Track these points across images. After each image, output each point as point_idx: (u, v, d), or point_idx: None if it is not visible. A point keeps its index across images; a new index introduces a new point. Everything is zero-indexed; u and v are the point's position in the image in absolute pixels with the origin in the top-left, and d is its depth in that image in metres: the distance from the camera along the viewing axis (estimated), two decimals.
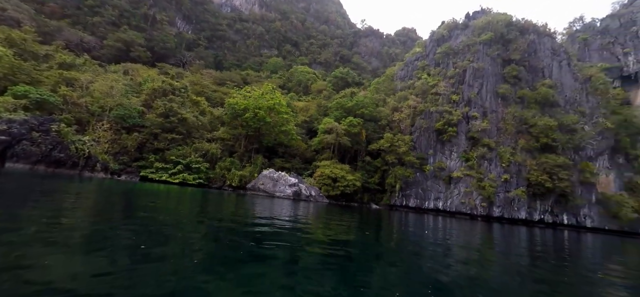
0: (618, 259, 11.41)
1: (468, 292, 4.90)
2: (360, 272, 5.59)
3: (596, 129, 52.29)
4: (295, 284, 4.46)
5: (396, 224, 18.03)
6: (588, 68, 63.29)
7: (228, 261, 5.42)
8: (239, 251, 6.08)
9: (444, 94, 55.35)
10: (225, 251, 6.31)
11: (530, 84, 56.62)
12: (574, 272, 7.18)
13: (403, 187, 48.77)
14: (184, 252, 5.79)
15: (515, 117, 51.54)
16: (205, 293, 4.00)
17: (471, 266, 6.89)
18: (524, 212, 45.24)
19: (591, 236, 35.11)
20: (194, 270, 4.82)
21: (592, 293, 5.40)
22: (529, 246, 13.10)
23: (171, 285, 4.12)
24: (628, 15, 72.57)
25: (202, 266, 5.15)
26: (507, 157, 47.01)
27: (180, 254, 5.75)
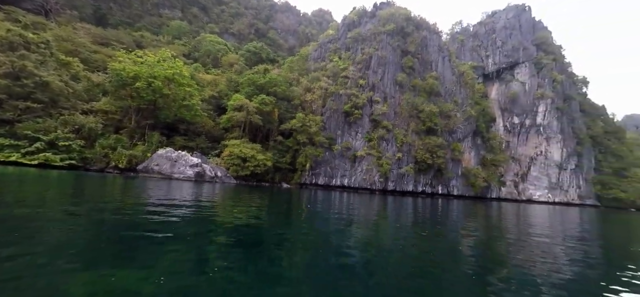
0: (471, 219, 14.73)
1: (366, 259, 5.16)
2: (268, 256, 5.18)
3: (464, 116, 64.65)
4: (190, 279, 3.72)
5: (306, 201, 18.52)
6: (462, 65, 76.94)
7: (106, 257, 4.26)
8: (121, 244, 4.86)
9: (352, 78, 58.94)
10: (105, 245, 4.99)
11: (422, 74, 65.38)
12: (445, 229, 9.18)
13: (313, 166, 50.75)
14: (44, 251, 4.33)
15: (408, 103, 59.01)
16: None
17: (369, 233, 7.49)
18: (412, 185, 53.25)
19: (456, 202, 43.75)
20: (55, 271, 3.61)
21: (458, 241, 6.90)
22: (415, 212, 15.39)
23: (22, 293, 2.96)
24: (490, 25, 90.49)
25: (72, 263, 3.94)
26: (401, 138, 53.92)
27: (42, 252, 4.29)
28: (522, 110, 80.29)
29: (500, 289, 4.11)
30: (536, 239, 8.42)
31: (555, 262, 5.73)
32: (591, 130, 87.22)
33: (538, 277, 4.64)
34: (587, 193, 76.91)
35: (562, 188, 75.47)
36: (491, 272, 5.06)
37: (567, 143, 77.32)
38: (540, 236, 9.47)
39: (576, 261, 6.07)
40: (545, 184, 75.58)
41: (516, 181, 76.65)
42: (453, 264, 5.28)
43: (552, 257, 6.12)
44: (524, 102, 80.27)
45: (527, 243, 7.46)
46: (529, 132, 79.11)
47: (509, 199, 72.29)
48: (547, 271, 4.97)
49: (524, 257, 6.24)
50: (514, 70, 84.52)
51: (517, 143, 79.50)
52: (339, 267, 4.54)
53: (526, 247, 6.89)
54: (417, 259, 5.49)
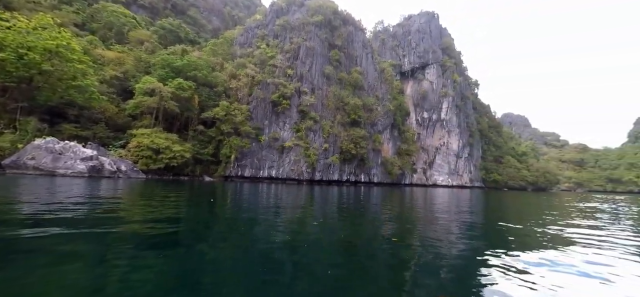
0: (389, 202, 16.05)
1: (294, 251, 4.62)
2: (186, 257, 4.11)
3: (384, 109, 70.29)
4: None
5: (231, 194, 17.13)
6: (383, 62, 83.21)
7: None
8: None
9: (281, 67, 57.75)
10: None
11: (347, 68, 68.26)
12: (367, 211, 9.64)
13: (239, 157, 48.31)
14: None
15: (335, 95, 61.01)
16: None
17: (297, 224, 7.09)
18: (337, 174, 55.59)
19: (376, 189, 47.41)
20: None
21: (378, 219, 7.32)
22: (339, 200, 15.82)
23: None
24: (407, 27, 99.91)
25: None
26: (328, 130, 55.52)
27: None
28: (430, 106, 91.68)
29: (413, 260, 4.50)
30: (440, 215, 10.26)
31: (452, 231, 6.92)
32: (479, 125, 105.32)
33: (441, 242, 5.52)
34: (476, 177, 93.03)
35: (458, 173, 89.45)
36: (406, 243, 5.53)
37: (463, 135, 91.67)
38: (442, 211, 11.16)
39: (466, 225, 7.74)
40: (446, 170, 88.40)
41: (425, 168, 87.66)
42: (375, 246, 5.49)
43: (450, 227, 7.40)
44: (432, 99, 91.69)
45: (435, 219, 8.64)
46: (435, 126, 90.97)
47: (419, 185, 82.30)
48: (446, 238, 5.95)
49: (433, 229, 7.22)
50: (425, 70, 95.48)
51: (426, 135, 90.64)
52: (265, 262, 4.03)
53: (434, 222, 7.94)
54: (342, 243, 5.43)
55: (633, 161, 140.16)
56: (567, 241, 6.02)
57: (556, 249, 5.22)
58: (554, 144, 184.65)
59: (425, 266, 4.02)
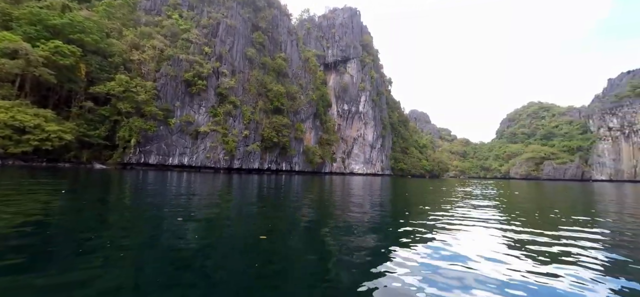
0: (309, 189, 15.91)
1: (208, 248, 3.55)
2: (66, 270, 2.52)
3: (308, 98, 71.04)
4: None
5: (131, 185, 14.14)
6: (308, 51, 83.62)
7: None
8: None
9: (197, 43, 52.00)
10: None
11: (271, 53, 66.12)
12: (287, 199, 9.11)
13: (142, 142, 41.92)
14: None
15: (257, 80, 58.48)
16: None
17: (211, 217, 5.94)
18: (258, 162, 53.88)
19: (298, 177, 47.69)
20: None
21: (299, 208, 7.33)
22: (260, 189, 14.90)
23: None
24: (331, 20, 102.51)
25: None
26: (248, 115, 52.99)
27: None
28: (350, 99, 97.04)
29: (332, 242, 4.68)
30: (355, 199, 10.87)
31: (367, 211, 7.46)
32: (391, 119, 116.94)
33: (357, 223, 5.96)
34: (386, 166, 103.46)
35: (372, 163, 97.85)
36: (324, 228, 5.60)
37: (377, 128, 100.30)
38: (357, 196, 11.94)
39: (378, 206, 8.34)
40: (362, 159, 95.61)
41: (343, 157, 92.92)
42: (295, 233, 5.38)
43: (366, 208, 7.87)
44: (352, 92, 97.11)
45: (351, 203, 8.81)
46: (353, 118, 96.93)
47: (338, 173, 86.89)
48: (361, 217, 6.46)
49: (349, 212, 7.44)
50: (346, 64, 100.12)
51: (345, 126, 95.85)
52: (174, 263, 3.03)
53: (350, 206, 8.09)
54: (260, 235, 4.88)
55: (498, 153, 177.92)
56: (448, 222, 6.72)
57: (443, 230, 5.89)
58: (446, 138, 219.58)
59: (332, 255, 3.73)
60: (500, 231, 6.19)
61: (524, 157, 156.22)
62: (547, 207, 11.37)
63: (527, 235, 5.74)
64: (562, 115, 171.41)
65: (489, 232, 5.96)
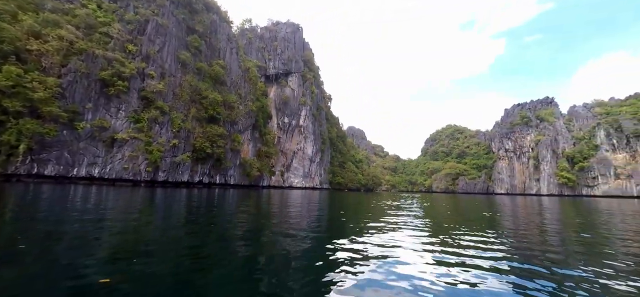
0: (245, 204, 14.59)
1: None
2: None
3: (246, 109, 68.70)
4: None
5: (11, 202, 10.83)
6: (248, 61, 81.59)
7: None
8: None
9: (119, 39, 46.07)
10: None
11: (208, 59, 62.48)
12: (221, 214, 8.03)
13: (36, 148, 34.65)
14: None
15: (191, 86, 54.33)
16: None
17: (125, 240, 4.44)
18: (187, 175, 49.37)
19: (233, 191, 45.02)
20: None
21: (232, 221, 7.46)
22: (188, 205, 13.16)
23: None
24: (274, 32, 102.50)
25: None
26: (179, 123, 48.54)
27: None
28: (291, 112, 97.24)
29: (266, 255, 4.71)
30: (293, 209, 11.01)
31: (303, 223, 6.93)
32: (330, 134, 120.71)
33: (295, 241, 5.56)
34: (325, 180, 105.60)
35: (311, 176, 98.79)
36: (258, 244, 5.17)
37: (317, 142, 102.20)
38: (296, 207, 11.68)
39: (315, 217, 7.74)
40: (301, 173, 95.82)
41: (282, 170, 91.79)
42: (226, 252, 5.09)
43: (302, 220, 7.38)
44: (292, 105, 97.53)
45: (289, 220, 8.21)
46: (294, 131, 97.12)
47: (276, 186, 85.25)
48: (298, 227, 6.17)
49: (284, 224, 7.02)
50: (288, 77, 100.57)
51: (285, 139, 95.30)
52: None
53: (289, 221, 7.55)
54: (187, 256, 4.57)
55: (423, 169, 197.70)
56: (382, 228, 6.81)
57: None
58: (380, 154, 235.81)
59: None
60: (424, 238, 7.28)
61: (443, 173, 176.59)
62: (461, 216, 12.62)
63: (445, 238, 7.00)
64: (472, 137, 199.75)
65: (414, 239, 6.93)
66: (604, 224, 11.71)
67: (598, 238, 8.12)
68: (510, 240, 7.46)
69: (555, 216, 15.92)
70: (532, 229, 9.71)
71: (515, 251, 6.06)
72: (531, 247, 6.64)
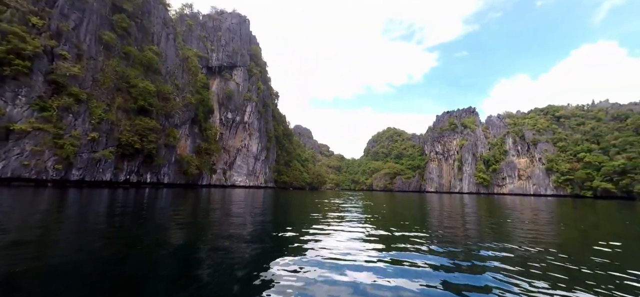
0: (182, 204, 12.93)
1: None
2: None
3: (184, 101, 63.25)
4: None
5: None
6: (188, 50, 75.34)
7: None
8: None
9: (19, 8, 37.93)
10: None
11: (139, 43, 55.70)
12: (153, 217, 7.51)
13: None
14: None
15: (117, 72, 47.72)
16: None
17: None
18: (110, 173, 43.29)
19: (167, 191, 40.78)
20: None
21: (167, 226, 6.99)
22: (110, 209, 10.90)
23: None
24: (218, 22, 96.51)
25: None
26: (100, 114, 42.18)
27: None
28: (235, 108, 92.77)
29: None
30: (237, 209, 10.83)
31: (247, 222, 6.47)
32: (276, 131, 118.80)
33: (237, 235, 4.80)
34: (269, 178, 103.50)
35: (255, 175, 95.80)
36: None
37: (262, 140, 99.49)
38: (239, 206, 10.76)
39: (259, 215, 6.77)
40: (245, 171, 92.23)
41: (225, 168, 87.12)
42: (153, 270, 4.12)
43: (245, 219, 6.38)
44: (237, 100, 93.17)
45: (230, 214, 7.42)
46: (238, 127, 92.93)
47: (218, 185, 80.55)
48: (236, 228, 6.59)
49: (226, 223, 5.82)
50: (232, 70, 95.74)
51: (228, 136, 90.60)
52: None
53: (230, 219, 6.60)
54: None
55: (365, 168, 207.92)
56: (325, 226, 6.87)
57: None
58: (325, 154, 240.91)
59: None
60: (363, 232, 8.21)
61: (383, 173, 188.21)
62: (398, 212, 13.19)
63: (382, 233, 8.04)
64: (408, 140, 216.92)
65: (353, 234, 7.74)
66: (508, 215, 15.48)
67: (503, 225, 11.27)
68: (437, 229, 9.25)
69: (473, 209, 19.34)
70: (457, 218, 12.60)
71: (441, 237, 7.68)
72: (455, 232, 8.87)
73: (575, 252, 6.69)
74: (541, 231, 10.00)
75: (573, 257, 5.96)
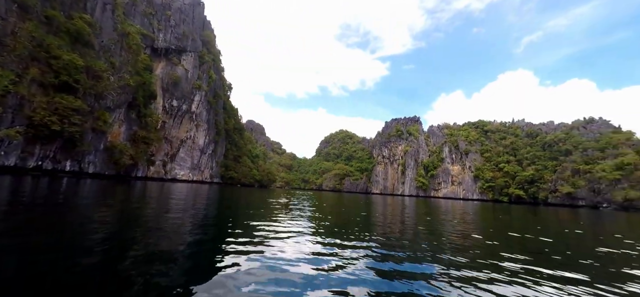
0: (110, 198, 10.97)
1: None
2: None
3: (120, 82, 56.32)
4: None
5: None
6: (129, 25, 67.42)
7: None
8: None
9: None
10: None
11: (67, 9, 47.93)
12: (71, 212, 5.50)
13: None
14: None
15: (34, 38, 40.28)
16: None
17: None
18: (15, 157, 36.34)
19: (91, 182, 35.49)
20: None
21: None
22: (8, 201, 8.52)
23: None
24: (168, 0, 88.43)
25: None
26: (5, 85, 35.08)
27: None
28: (182, 95, 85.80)
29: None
30: (178, 204, 9.35)
31: (189, 223, 6.33)
32: (227, 125, 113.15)
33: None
34: (216, 173, 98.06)
35: (200, 169, 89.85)
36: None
37: (210, 132, 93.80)
38: (179, 201, 10.43)
39: (202, 210, 6.06)
40: (188, 164, 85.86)
41: (165, 160, 79.96)
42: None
43: (188, 218, 6.22)
44: (185, 88, 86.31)
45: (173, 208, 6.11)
46: (184, 117, 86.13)
47: (156, 178, 73.55)
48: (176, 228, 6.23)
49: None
50: (181, 55, 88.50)
51: (172, 125, 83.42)
52: None
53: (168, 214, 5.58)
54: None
55: (316, 168, 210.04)
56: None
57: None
58: (278, 151, 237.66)
59: None
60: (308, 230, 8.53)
61: (333, 173, 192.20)
62: (344, 212, 13.08)
63: (327, 233, 8.48)
64: (359, 143, 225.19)
65: (298, 232, 7.95)
66: (443, 214, 18.81)
67: (436, 223, 13.68)
68: (380, 229, 10.06)
69: (412, 210, 22.34)
70: (396, 217, 14.89)
71: (382, 236, 8.45)
72: (393, 229, 10.29)
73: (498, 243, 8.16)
74: (468, 228, 12.66)
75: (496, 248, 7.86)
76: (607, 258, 7.26)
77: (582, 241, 10.92)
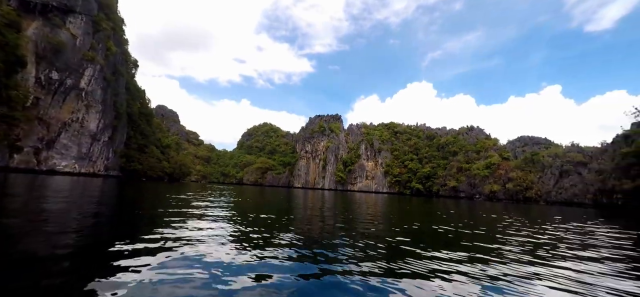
0: None
1: None
2: None
3: None
4: None
5: None
6: None
7: None
8: None
9: None
10: None
11: None
12: None
13: None
14: None
15: None
16: None
17: None
18: None
19: None
20: None
21: None
22: None
23: None
24: None
25: None
26: None
27: None
28: (67, 67, 68.80)
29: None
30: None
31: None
32: (130, 108, 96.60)
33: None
34: (114, 165, 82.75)
35: (91, 159, 74.26)
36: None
37: (107, 115, 78.35)
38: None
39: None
40: (74, 153, 69.86)
41: (39, 147, 63.09)
42: None
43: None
44: (70, 58, 69.45)
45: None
46: (68, 94, 69.40)
47: (23, 170, 57.37)
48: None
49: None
50: (67, 16, 70.91)
51: (50, 103, 66.22)
52: None
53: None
54: None
55: (237, 161, 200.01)
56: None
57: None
58: (194, 142, 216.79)
59: None
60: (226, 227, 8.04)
61: (255, 167, 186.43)
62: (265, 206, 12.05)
63: (247, 227, 8.19)
64: (283, 137, 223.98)
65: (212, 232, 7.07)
66: (357, 207, 20.17)
67: (353, 214, 14.76)
68: (301, 221, 10.38)
69: (331, 202, 23.71)
70: (316, 210, 15.71)
71: (303, 229, 8.50)
72: (313, 221, 10.60)
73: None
74: (378, 215, 15.02)
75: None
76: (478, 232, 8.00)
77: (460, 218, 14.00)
